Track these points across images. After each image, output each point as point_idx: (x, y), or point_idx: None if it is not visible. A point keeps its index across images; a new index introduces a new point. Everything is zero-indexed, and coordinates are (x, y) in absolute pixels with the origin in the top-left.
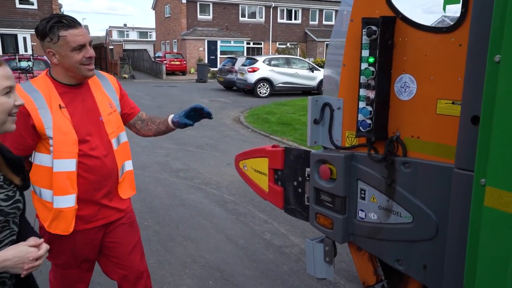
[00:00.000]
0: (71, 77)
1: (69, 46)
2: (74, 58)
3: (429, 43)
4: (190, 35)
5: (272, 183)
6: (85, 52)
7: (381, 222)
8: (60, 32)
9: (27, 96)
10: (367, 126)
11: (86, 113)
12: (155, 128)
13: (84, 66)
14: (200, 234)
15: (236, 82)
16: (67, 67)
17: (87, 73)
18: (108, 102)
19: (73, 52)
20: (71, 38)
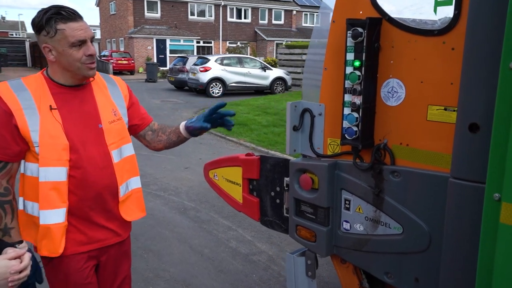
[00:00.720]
0: (69, 77)
1: (67, 41)
2: (73, 56)
3: (419, 46)
4: (137, 33)
5: (246, 194)
6: (85, 49)
7: (368, 233)
8: (58, 25)
9: (12, 94)
10: (353, 134)
11: (83, 118)
12: (166, 139)
13: (84, 64)
14: (161, 245)
15: (187, 82)
16: (65, 65)
17: (87, 72)
18: (113, 109)
19: (72, 48)
20: (70, 32)
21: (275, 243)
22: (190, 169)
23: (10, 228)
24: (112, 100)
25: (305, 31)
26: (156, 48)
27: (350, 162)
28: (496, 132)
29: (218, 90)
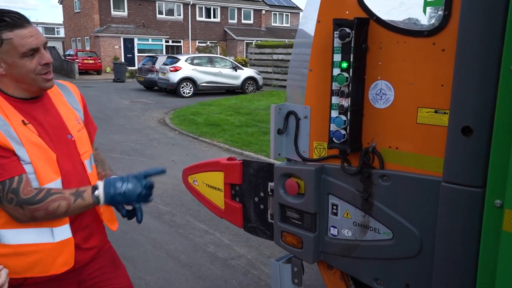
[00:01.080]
0: (23, 90)
1: (17, 51)
2: (25, 67)
3: (408, 48)
4: (104, 32)
5: (229, 200)
6: (39, 57)
7: (357, 239)
8: (3, 34)
9: None
10: (341, 137)
11: (52, 131)
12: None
13: (40, 75)
14: (136, 252)
15: (157, 82)
16: (18, 77)
17: (44, 84)
18: (75, 117)
19: (23, 58)
20: (19, 41)
21: (253, 247)
22: None
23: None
24: (70, 107)
25: (274, 30)
26: (124, 48)
27: (337, 166)
28: (497, 137)
29: (189, 90)
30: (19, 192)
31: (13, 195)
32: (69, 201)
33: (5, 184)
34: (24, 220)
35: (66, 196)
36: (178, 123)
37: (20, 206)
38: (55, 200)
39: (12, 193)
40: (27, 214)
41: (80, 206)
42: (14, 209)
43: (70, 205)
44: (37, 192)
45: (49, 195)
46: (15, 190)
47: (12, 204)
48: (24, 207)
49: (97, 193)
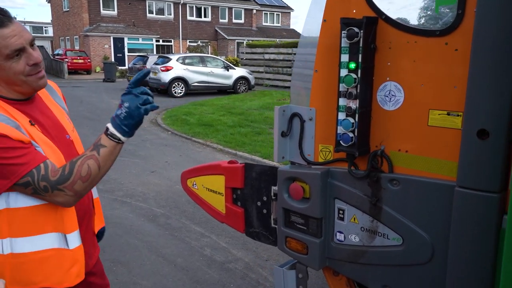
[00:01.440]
0: (16, 91)
1: (0, 53)
2: (13, 69)
3: (419, 48)
4: (93, 31)
5: (230, 204)
6: (27, 57)
7: (364, 244)
8: None
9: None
10: (349, 140)
11: (53, 132)
12: None
13: (30, 76)
14: (131, 256)
15: (148, 81)
16: (7, 80)
17: (36, 84)
18: (66, 116)
19: (9, 61)
20: (1, 42)
21: (250, 249)
22: (156, 173)
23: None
24: (59, 106)
25: (265, 30)
26: (114, 47)
27: (344, 170)
28: None
29: (181, 90)
30: (48, 177)
31: (45, 182)
32: (95, 156)
33: (33, 174)
34: (71, 201)
35: (88, 155)
36: (171, 123)
37: (57, 189)
38: (81, 164)
39: (43, 181)
40: (68, 193)
41: (107, 154)
42: (55, 195)
43: (97, 159)
44: (62, 169)
45: (74, 164)
46: (44, 176)
47: (49, 191)
48: (61, 188)
49: (110, 132)
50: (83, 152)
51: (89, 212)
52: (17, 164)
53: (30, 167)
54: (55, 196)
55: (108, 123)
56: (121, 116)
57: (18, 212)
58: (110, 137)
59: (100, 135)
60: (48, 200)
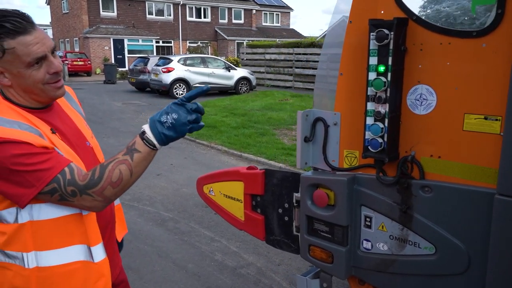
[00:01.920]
0: (33, 100)
1: (21, 61)
2: (32, 77)
3: (454, 49)
4: (93, 33)
5: (249, 211)
6: (47, 66)
7: (393, 253)
8: (5, 43)
9: (12, 130)
10: (378, 146)
11: (73, 139)
12: None
13: (49, 85)
14: (141, 262)
15: (150, 83)
16: (25, 88)
17: (54, 93)
18: (84, 122)
19: (29, 69)
20: (23, 49)
21: (262, 254)
22: (162, 176)
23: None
24: (78, 113)
25: (265, 30)
26: (114, 48)
27: (371, 176)
28: None
29: (182, 91)
30: (76, 181)
31: (73, 187)
32: (128, 162)
33: (59, 180)
34: (100, 206)
35: (121, 159)
36: None
37: (86, 193)
38: (113, 169)
39: (70, 185)
40: (97, 198)
41: (140, 160)
42: (83, 199)
43: (130, 164)
44: (92, 172)
45: (105, 168)
46: (71, 181)
47: (78, 195)
48: (90, 193)
49: (146, 137)
50: (114, 156)
51: (111, 222)
52: (42, 169)
53: (56, 172)
54: (83, 201)
55: (145, 124)
56: (165, 124)
57: (42, 224)
58: (145, 142)
59: (134, 139)
60: (75, 205)
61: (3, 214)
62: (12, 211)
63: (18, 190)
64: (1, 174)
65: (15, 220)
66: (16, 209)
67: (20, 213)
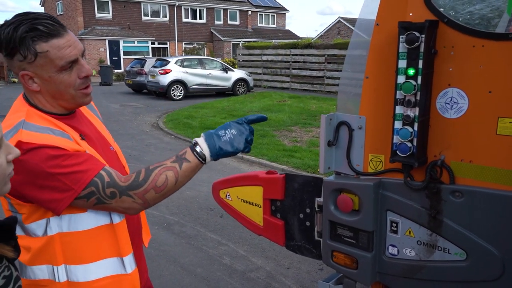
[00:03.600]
0: (60, 106)
1: (54, 65)
2: (64, 82)
3: (487, 52)
4: (88, 35)
5: (268, 216)
6: (78, 70)
7: (421, 259)
8: (38, 46)
9: (48, 136)
10: (407, 150)
11: (99, 144)
12: None
13: (80, 91)
14: (149, 267)
15: (147, 85)
16: (54, 94)
17: (83, 100)
18: (105, 127)
19: (61, 73)
20: (56, 53)
21: (270, 257)
22: None
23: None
24: (98, 118)
25: (261, 31)
26: (109, 50)
27: (397, 181)
28: None
29: (180, 93)
30: (117, 183)
31: (113, 189)
32: (175, 169)
33: (97, 183)
34: (138, 209)
35: (169, 165)
36: (173, 127)
37: (127, 194)
38: (159, 173)
39: (110, 187)
40: (137, 200)
41: (188, 169)
42: (122, 201)
43: (178, 172)
44: (137, 174)
45: (151, 171)
46: (111, 183)
47: (117, 197)
48: (131, 194)
49: (199, 149)
50: (161, 162)
51: (139, 229)
52: (79, 171)
53: (93, 174)
54: (121, 202)
55: (198, 137)
56: (223, 138)
57: (72, 236)
58: (196, 153)
59: (185, 149)
60: (112, 207)
61: (31, 228)
62: (41, 223)
63: (55, 195)
64: (37, 179)
65: (44, 232)
66: (46, 221)
67: (49, 225)
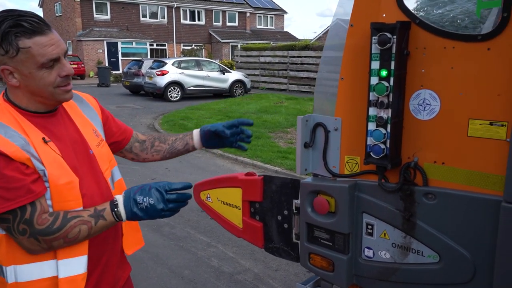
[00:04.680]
0: (38, 103)
1: (35, 61)
2: (44, 79)
3: (458, 54)
4: (87, 36)
5: (247, 218)
6: (59, 68)
7: (396, 261)
8: (20, 42)
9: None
10: (380, 152)
11: (73, 147)
12: (167, 148)
13: (59, 88)
14: (137, 268)
15: (144, 86)
16: (34, 90)
17: (63, 97)
18: (93, 129)
19: (41, 70)
20: (38, 50)
21: (259, 259)
22: (157, 180)
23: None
24: (88, 119)
25: (259, 33)
26: (107, 51)
27: (372, 183)
28: None
29: (177, 94)
30: (33, 223)
31: (26, 226)
32: (90, 224)
33: (16, 214)
34: (39, 252)
35: (85, 219)
36: (168, 128)
37: (35, 238)
38: (74, 225)
39: (24, 224)
40: (43, 245)
41: (102, 226)
42: (28, 241)
43: (91, 227)
44: (53, 220)
45: (67, 221)
46: (28, 220)
47: (26, 235)
48: (39, 239)
49: (117, 211)
50: (80, 212)
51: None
52: (2, 196)
53: (14, 206)
54: (27, 242)
55: (120, 195)
56: (139, 205)
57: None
58: (114, 214)
59: (106, 205)
60: (17, 241)
61: None
62: None
63: None
64: None
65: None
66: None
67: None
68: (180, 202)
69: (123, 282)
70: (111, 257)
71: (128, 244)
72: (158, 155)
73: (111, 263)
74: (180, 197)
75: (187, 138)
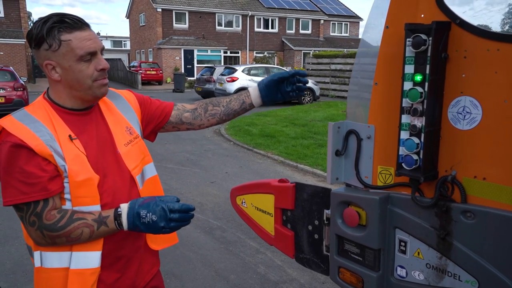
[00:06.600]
0: (77, 99)
1: (74, 54)
2: (82, 72)
3: (503, 57)
4: (166, 44)
5: (279, 226)
6: (96, 62)
7: (431, 284)
8: (62, 36)
9: (23, 127)
10: (412, 163)
11: (100, 145)
12: (223, 111)
13: (96, 82)
14: (185, 269)
15: (214, 92)
16: (73, 84)
17: (99, 91)
18: (126, 126)
19: (80, 63)
20: (77, 43)
21: (306, 270)
22: (216, 184)
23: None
24: (123, 116)
25: (332, 40)
26: (184, 59)
27: (407, 196)
28: None
29: None
30: (42, 217)
31: (35, 219)
32: (92, 228)
33: (30, 206)
34: (45, 245)
35: (89, 222)
36: (233, 133)
37: (41, 231)
38: (77, 227)
39: (35, 216)
40: (47, 240)
41: (103, 232)
42: (35, 233)
43: (93, 231)
44: (59, 218)
45: (72, 221)
46: (38, 214)
47: (34, 227)
48: (45, 233)
49: (120, 221)
50: (86, 215)
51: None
52: (18, 189)
53: (30, 199)
54: (34, 233)
55: (126, 204)
56: (142, 219)
57: None
58: (117, 222)
59: (110, 212)
60: (27, 230)
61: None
62: None
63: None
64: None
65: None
66: None
67: None
68: (182, 222)
69: (149, 277)
70: (132, 253)
71: (157, 240)
72: (214, 119)
73: (132, 259)
74: (182, 217)
75: (243, 97)
